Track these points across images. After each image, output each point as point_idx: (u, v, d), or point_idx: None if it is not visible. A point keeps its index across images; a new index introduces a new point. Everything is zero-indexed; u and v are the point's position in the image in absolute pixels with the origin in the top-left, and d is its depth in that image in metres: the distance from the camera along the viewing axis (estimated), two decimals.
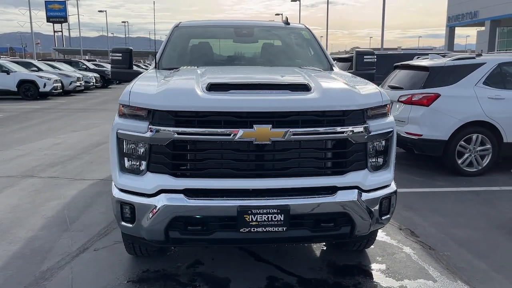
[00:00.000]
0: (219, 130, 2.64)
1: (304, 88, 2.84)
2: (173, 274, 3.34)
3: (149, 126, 2.69)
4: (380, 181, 2.93)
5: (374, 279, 3.30)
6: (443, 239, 4.03)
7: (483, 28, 55.45)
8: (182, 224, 2.74)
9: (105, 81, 27.22)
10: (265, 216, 2.68)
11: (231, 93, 2.76)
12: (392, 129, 2.98)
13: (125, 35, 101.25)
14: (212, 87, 2.79)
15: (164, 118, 2.69)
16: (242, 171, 2.74)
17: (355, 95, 2.89)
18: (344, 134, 2.75)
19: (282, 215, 2.69)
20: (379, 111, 2.95)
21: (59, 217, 4.51)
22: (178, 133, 2.65)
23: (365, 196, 2.82)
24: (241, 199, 2.70)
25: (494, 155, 6.28)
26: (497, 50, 43.97)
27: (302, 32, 4.79)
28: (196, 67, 3.79)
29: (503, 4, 48.25)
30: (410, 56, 9.03)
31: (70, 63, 27.98)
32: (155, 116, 2.71)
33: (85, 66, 28.50)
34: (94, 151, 7.80)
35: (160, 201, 2.70)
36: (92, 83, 24.31)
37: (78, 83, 21.61)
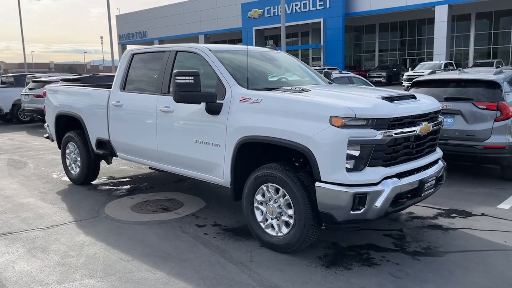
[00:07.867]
0: (413, 128, 3.84)
1: (415, 97, 4.30)
2: (341, 252, 4.08)
3: (377, 131, 3.56)
4: (441, 152, 4.72)
5: (422, 220, 5.02)
6: None
7: None
8: (393, 200, 3.74)
9: None
10: (430, 183, 4.07)
11: (397, 103, 3.94)
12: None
13: None
14: (385, 99, 3.88)
15: (383, 124, 3.63)
16: (416, 154, 4.02)
17: (436, 100, 4.57)
18: (441, 125, 4.43)
19: (435, 180, 4.15)
20: None
21: (136, 265, 4.02)
22: (396, 133, 3.67)
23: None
24: (419, 174, 3.97)
25: None
26: None
27: (290, 55, 5.91)
28: (301, 86, 4.48)
29: (165, 27, 56.59)
30: None
31: None
32: (376, 123, 3.59)
33: None
34: None
35: (387, 185, 3.63)
36: None
37: None
